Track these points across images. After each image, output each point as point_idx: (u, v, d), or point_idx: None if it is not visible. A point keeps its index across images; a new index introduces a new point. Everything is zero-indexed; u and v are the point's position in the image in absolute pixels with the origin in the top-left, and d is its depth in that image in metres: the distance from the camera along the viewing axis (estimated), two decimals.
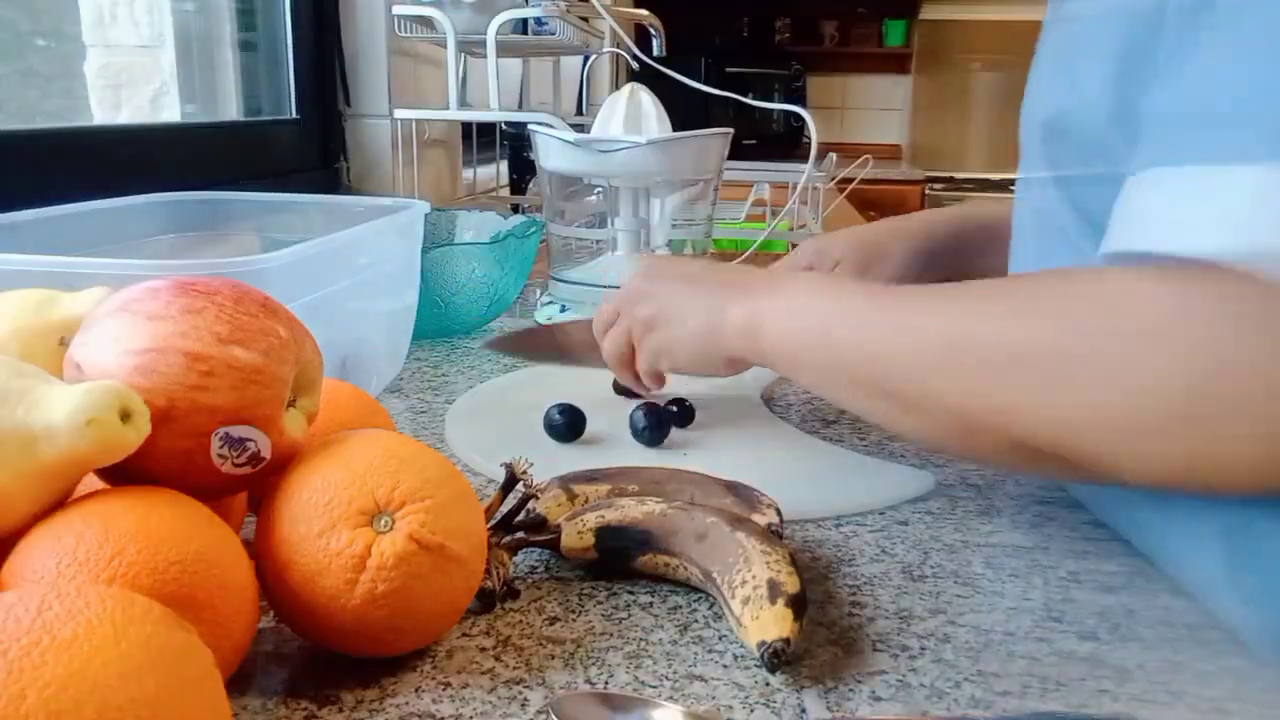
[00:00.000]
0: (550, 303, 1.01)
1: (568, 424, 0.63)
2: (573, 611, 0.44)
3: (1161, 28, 0.42)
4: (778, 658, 0.38)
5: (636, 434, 0.63)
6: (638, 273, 0.65)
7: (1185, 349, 0.37)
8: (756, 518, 0.48)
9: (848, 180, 1.69)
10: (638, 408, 0.64)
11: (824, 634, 0.43)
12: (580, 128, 1.10)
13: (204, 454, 0.36)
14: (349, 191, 1.38)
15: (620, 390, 0.72)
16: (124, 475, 0.37)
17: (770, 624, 0.39)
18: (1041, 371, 0.41)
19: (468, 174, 1.75)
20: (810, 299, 0.54)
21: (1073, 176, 0.50)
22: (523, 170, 1.84)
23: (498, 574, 0.44)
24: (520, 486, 0.46)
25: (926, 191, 3.74)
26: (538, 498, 0.48)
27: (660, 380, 0.66)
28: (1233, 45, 0.39)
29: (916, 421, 0.49)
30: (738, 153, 1.10)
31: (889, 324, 0.49)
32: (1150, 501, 0.48)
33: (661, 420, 0.63)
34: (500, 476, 0.46)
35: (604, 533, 0.46)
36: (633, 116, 0.96)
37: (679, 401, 0.67)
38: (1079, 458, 0.41)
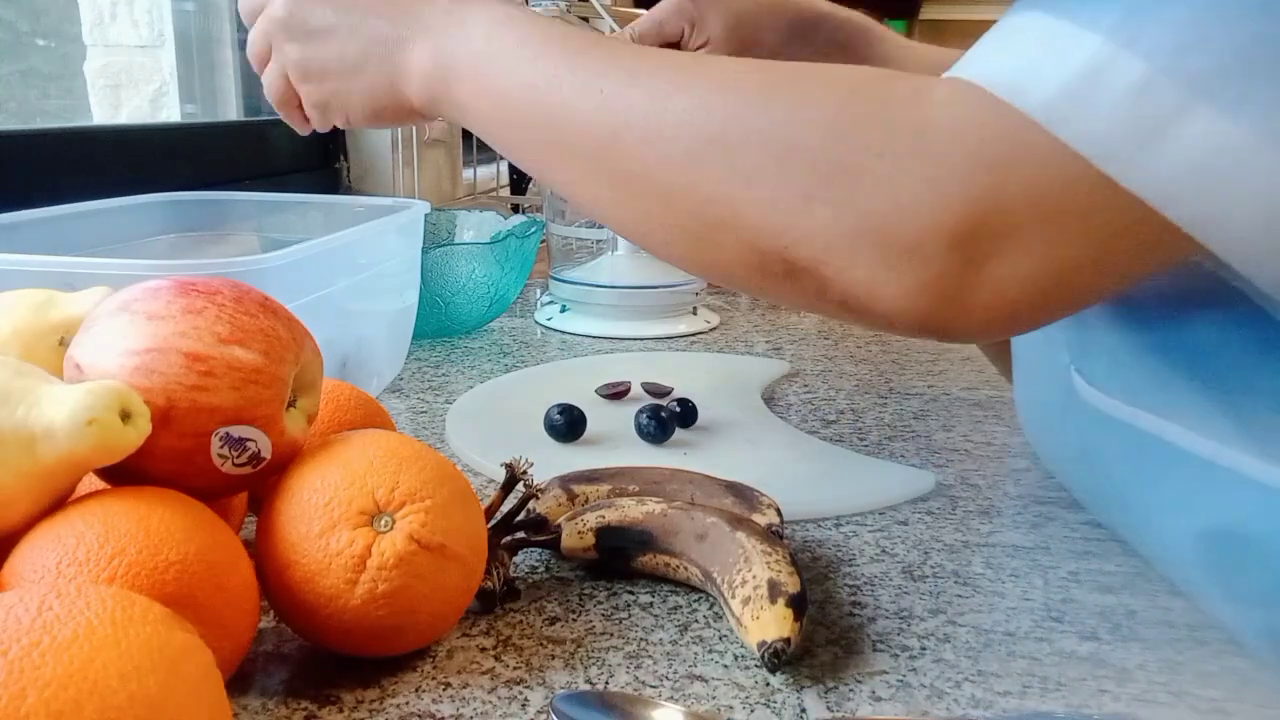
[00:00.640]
0: (550, 303, 1.02)
1: (568, 424, 0.63)
2: (573, 611, 0.44)
3: None
4: (778, 658, 0.38)
5: (641, 433, 0.63)
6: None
7: (985, 170, 0.35)
8: (757, 518, 0.48)
9: None
10: (641, 410, 0.64)
11: (824, 634, 0.43)
12: None
13: (204, 454, 0.36)
14: (349, 191, 1.38)
15: (602, 394, 0.72)
16: (124, 475, 0.37)
17: (770, 624, 0.39)
18: (826, 172, 0.37)
19: (468, 174, 1.75)
20: (513, 37, 0.45)
21: None
22: (523, 170, 1.83)
23: (498, 574, 0.44)
24: (520, 486, 0.46)
25: None
26: (538, 498, 0.48)
27: (325, 124, 0.56)
28: None
29: (639, 209, 0.42)
30: None
31: (633, 93, 0.41)
32: (1147, 501, 0.48)
33: (665, 420, 0.63)
34: (500, 476, 0.46)
35: (604, 533, 0.46)
36: None
37: (681, 401, 0.67)
38: (834, 274, 0.37)
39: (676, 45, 0.71)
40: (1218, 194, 0.32)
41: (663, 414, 0.64)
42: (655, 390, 0.73)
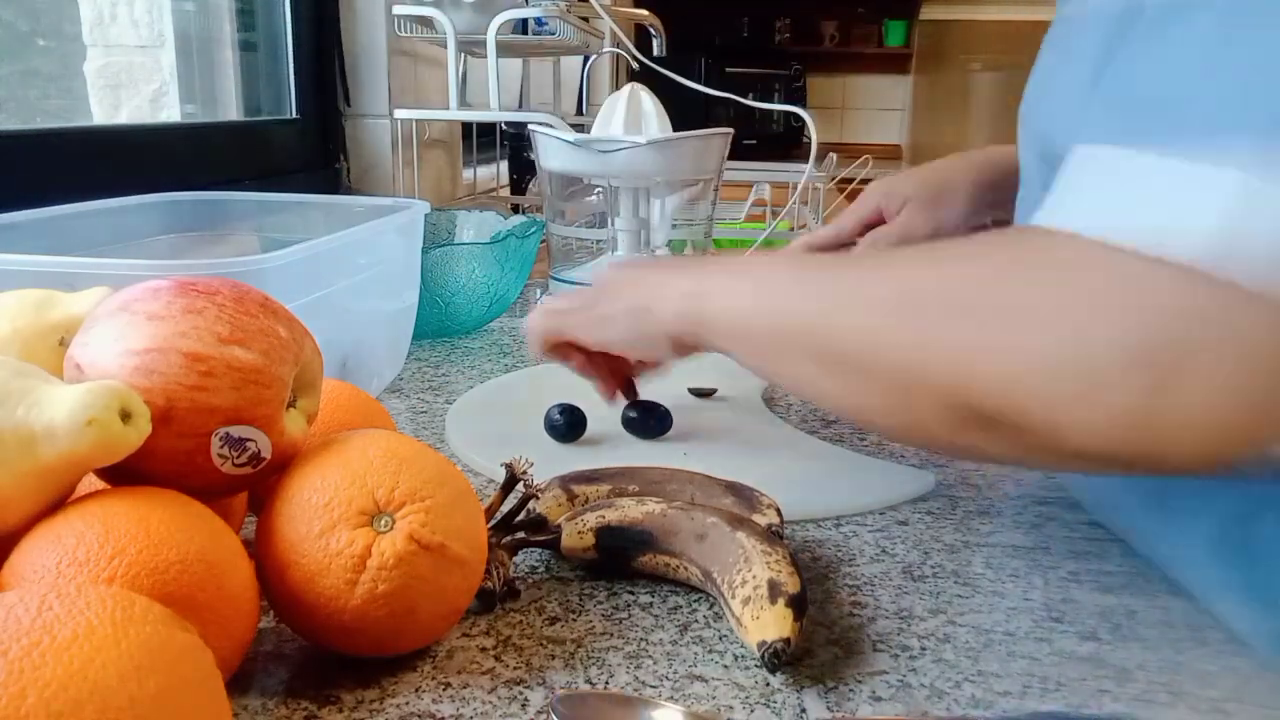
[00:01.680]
0: None
1: (568, 424, 0.63)
2: (573, 611, 0.44)
3: (1135, 25, 0.42)
4: (778, 658, 0.38)
5: (629, 427, 0.65)
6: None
7: (1145, 298, 0.35)
8: (757, 518, 0.48)
9: (848, 180, 1.69)
10: (629, 406, 0.64)
11: (824, 634, 0.43)
12: (580, 128, 1.10)
13: (204, 454, 0.36)
14: (349, 191, 1.38)
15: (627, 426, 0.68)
16: (124, 475, 0.37)
17: (770, 624, 0.39)
18: (993, 318, 0.38)
19: (468, 174, 1.75)
20: (755, 275, 0.50)
21: (1049, 139, 0.50)
22: (523, 170, 1.84)
23: (498, 574, 0.44)
24: (520, 486, 0.46)
25: None
26: (538, 498, 0.48)
27: (550, 324, 0.61)
28: (1211, 31, 0.36)
29: (853, 387, 0.45)
30: (738, 153, 1.10)
31: (836, 288, 0.46)
32: (1147, 502, 0.48)
33: (650, 415, 0.64)
34: (500, 476, 0.46)
35: (604, 533, 0.46)
36: (633, 117, 0.96)
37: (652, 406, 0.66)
38: (1020, 415, 0.38)
39: (879, 223, 0.80)
40: None
41: (660, 410, 0.64)
42: (699, 393, 0.73)
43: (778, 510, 0.49)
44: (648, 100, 0.97)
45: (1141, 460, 0.37)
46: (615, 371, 0.64)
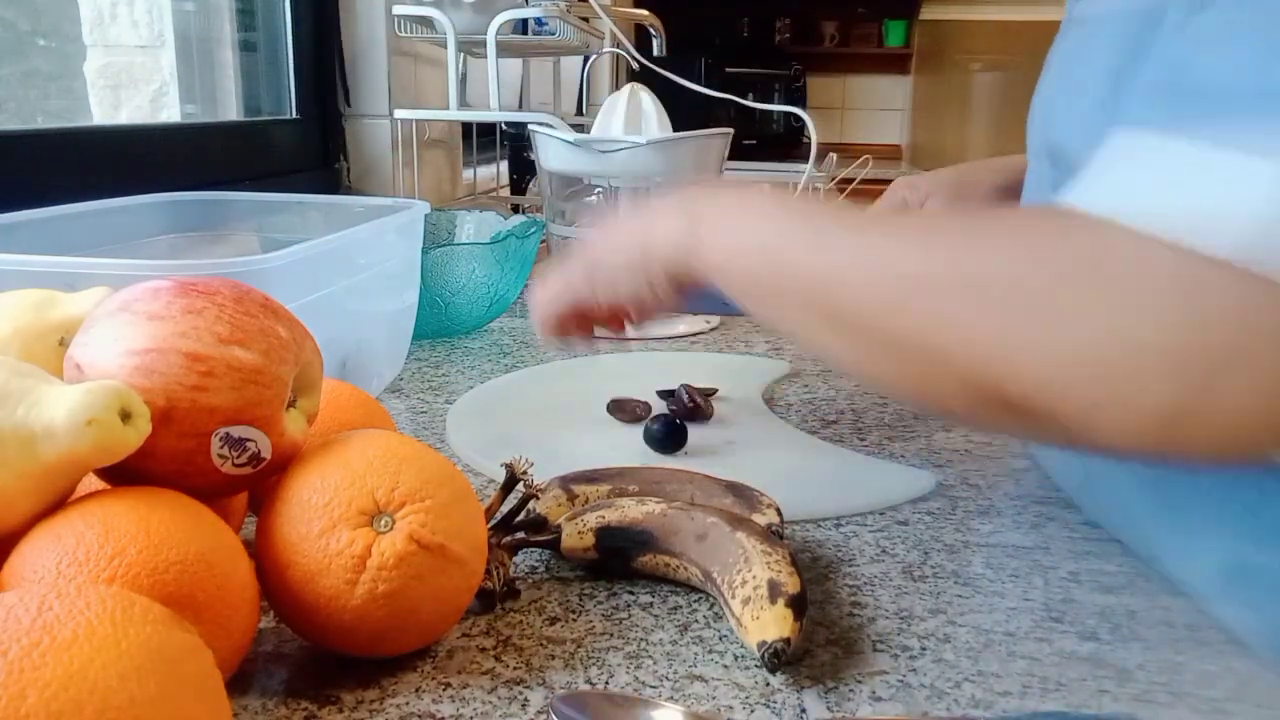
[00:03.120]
0: None
1: (665, 434, 0.62)
2: (573, 611, 0.44)
3: (1159, 26, 0.42)
4: (778, 658, 0.38)
5: (652, 443, 0.63)
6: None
7: (1191, 303, 0.34)
8: (757, 518, 0.48)
9: (848, 180, 1.69)
10: (653, 419, 0.63)
11: (824, 634, 0.43)
12: (580, 128, 1.10)
13: (204, 454, 0.36)
14: (349, 191, 1.38)
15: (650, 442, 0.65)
16: (124, 475, 0.37)
17: (770, 624, 0.39)
18: (1029, 306, 0.37)
19: (468, 174, 1.75)
20: (757, 211, 0.49)
21: (1063, 147, 0.50)
22: (523, 170, 1.84)
23: (498, 574, 0.44)
24: (520, 486, 0.46)
25: None
26: (538, 498, 0.48)
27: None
28: (1251, 18, 0.36)
29: (866, 353, 0.44)
30: (738, 153, 1.10)
31: (851, 244, 0.44)
32: (1145, 502, 0.48)
33: (675, 430, 0.63)
34: (500, 476, 0.46)
35: (604, 533, 0.46)
36: (633, 117, 0.96)
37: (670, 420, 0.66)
38: (1053, 406, 0.37)
39: None
40: None
41: (677, 421, 0.63)
42: (700, 393, 0.72)
43: (778, 510, 0.49)
44: (648, 100, 0.97)
45: (1171, 455, 0.37)
46: (616, 319, 0.60)
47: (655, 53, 1.44)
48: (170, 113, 1.18)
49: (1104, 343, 0.35)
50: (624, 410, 0.68)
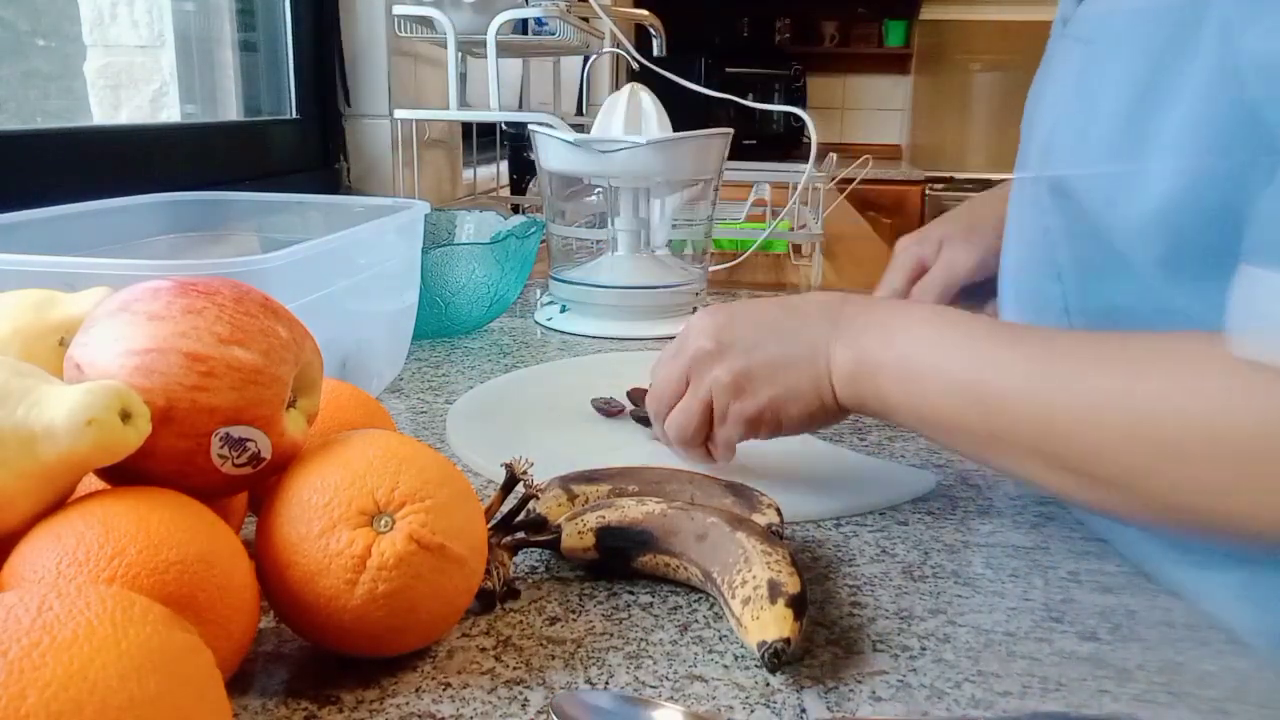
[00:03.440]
0: (550, 303, 1.02)
1: None
2: (573, 611, 0.44)
3: (1199, 28, 0.41)
4: (778, 658, 0.38)
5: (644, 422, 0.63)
6: (696, 326, 0.55)
7: None
8: (757, 518, 0.48)
9: (848, 180, 1.69)
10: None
11: (824, 634, 0.43)
12: (580, 128, 1.10)
13: (204, 454, 0.36)
14: (349, 191, 1.38)
15: (640, 418, 0.66)
16: (124, 475, 0.37)
17: (770, 624, 0.39)
18: (1259, 461, 0.38)
19: (468, 174, 1.75)
20: (932, 341, 0.47)
21: (1067, 176, 0.50)
22: (523, 170, 1.84)
23: (498, 574, 0.44)
24: (520, 486, 0.46)
25: (927, 192, 3.74)
26: (538, 498, 0.48)
27: (733, 451, 0.56)
28: None
29: (1093, 495, 0.44)
30: (738, 153, 1.10)
31: (1056, 384, 0.43)
32: (1165, 551, 0.48)
33: None
34: (500, 476, 0.46)
35: (604, 533, 0.46)
36: (633, 117, 0.96)
37: None
38: None
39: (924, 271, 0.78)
40: None
41: None
42: None
43: (778, 510, 0.49)
44: (648, 100, 0.97)
45: None
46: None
47: (655, 53, 1.44)
48: (170, 113, 1.18)
49: None
50: (607, 410, 0.69)
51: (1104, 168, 0.47)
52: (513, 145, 1.86)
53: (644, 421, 0.65)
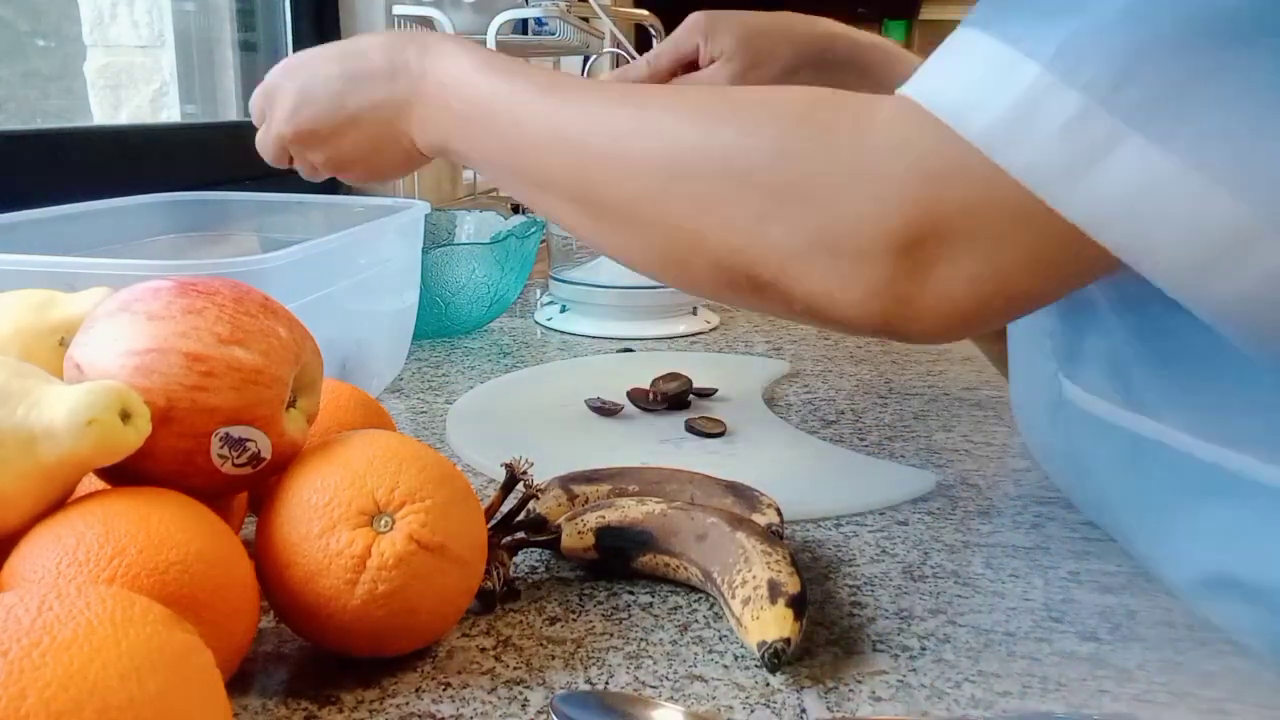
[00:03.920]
0: (550, 303, 1.02)
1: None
2: (573, 611, 0.44)
3: None
4: (778, 658, 0.38)
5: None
6: (276, 68, 0.59)
7: (928, 180, 0.37)
8: (757, 518, 0.48)
9: None
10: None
11: (824, 634, 0.43)
12: None
13: (204, 454, 0.36)
14: (349, 191, 1.37)
15: (595, 408, 0.70)
16: (124, 475, 0.37)
17: (770, 624, 0.39)
18: (781, 192, 0.39)
19: (468, 174, 1.75)
20: (474, 71, 0.49)
21: None
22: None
23: (498, 574, 0.44)
24: (520, 486, 0.46)
25: None
26: (538, 498, 0.48)
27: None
28: None
29: (615, 237, 0.46)
30: None
31: (583, 112, 0.45)
32: (1143, 504, 0.48)
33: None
34: (500, 476, 0.46)
35: (604, 533, 0.46)
36: None
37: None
38: (790, 287, 0.40)
39: (694, 64, 0.74)
40: (1147, 222, 0.33)
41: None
42: (699, 393, 0.73)
43: (778, 510, 0.49)
44: None
45: (893, 330, 0.39)
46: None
47: None
48: (170, 113, 1.18)
49: (840, 227, 0.38)
50: (603, 409, 0.69)
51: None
52: None
53: (603, 413, 0.69)
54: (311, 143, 0.57)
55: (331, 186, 1.35)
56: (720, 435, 0.65)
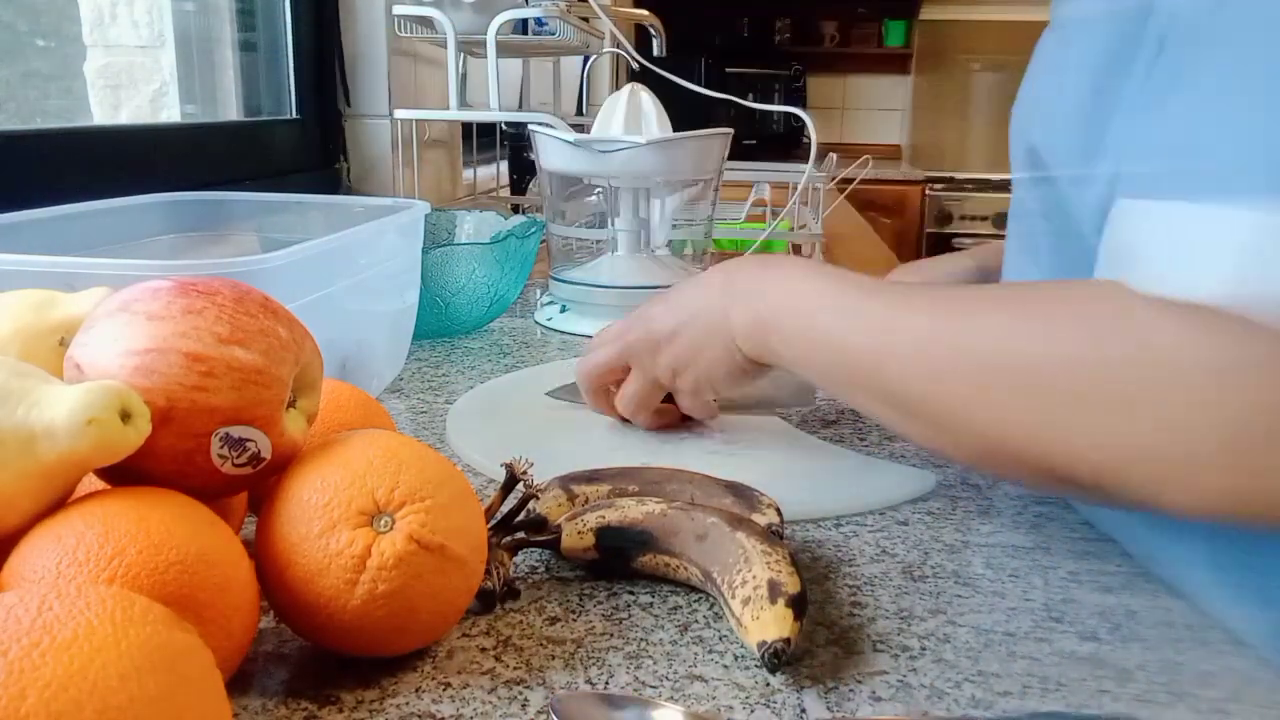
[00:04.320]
0: (550, 303, 1.02)
1: None
2: (573, 611, 0.44)
3: (1140, 44, 0.42)
4: (778, 658, 0.38)
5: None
6: (617, 328, 0.64)
7: (1226, 390, 0.36)
8: (757, 518, 0.48)
9: (848, 180, 1.69)
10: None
11: (824, 634, 0.43)
12: (580, 128, 1.10)
13: (204, 454, 0.36)
14: (349, 191, 1.38)
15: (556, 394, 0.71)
16: (124, 475, 0.37)
17: (770, 624, 0.39)
18: (1080, 400, 0.39)
19: (468, 174, 1.75)
20: (806, 293, 0.52)
21: (1046, 178, 0.51)
22: (523, 170, 1.84)
23: (498, 574, 0.44)
24: (520, 486, 0.46)
25: (927, 192, 3.74)
26: (538, 498, 0.48)
27: (714, 410, 0.65)
28: (1220, 79, 0.38)
29: (931, 437, 0.48)
30: (738, 153, 1.10)
31: (892, 323, 0.48)
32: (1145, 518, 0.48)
33: None
34: (500, 476, 0.46)
35: (604, 533, 0.46)
36: (633, 117, 0.96)
37: None
38: (1119, 489, 0.40)
39: None
40: None
41: None
42: None
43: (778, 510, 0.49)
44: (647, 100, 0.97)
45: (1240, 522, 0.39)
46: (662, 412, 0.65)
47: (655, 53, 1.44)
48: (170, 113, 1.18)
49: (1159, 436, 0.37)
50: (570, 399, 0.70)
51: (1069, 138, 0.48)
52: (513, 145, 1.85)
53: (566, 398, 0.70)
54: (655, 346, 0.60)
55: (331, 186, 1.35)
56: (720, 435, 0.65)
